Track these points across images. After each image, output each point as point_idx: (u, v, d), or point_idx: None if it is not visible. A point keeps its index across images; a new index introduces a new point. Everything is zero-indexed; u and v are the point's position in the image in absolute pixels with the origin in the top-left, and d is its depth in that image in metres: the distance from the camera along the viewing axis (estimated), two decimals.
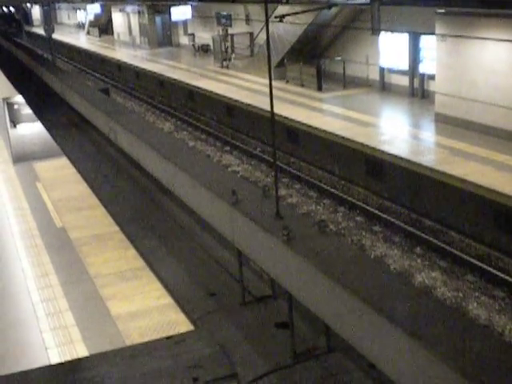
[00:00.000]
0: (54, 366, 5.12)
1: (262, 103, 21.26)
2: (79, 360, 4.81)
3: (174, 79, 29.80)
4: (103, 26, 54.05)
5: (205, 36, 37.42)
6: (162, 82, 31.45)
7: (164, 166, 12.18)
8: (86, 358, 5.24)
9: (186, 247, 11.69)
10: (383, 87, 23.09)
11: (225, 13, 34.48)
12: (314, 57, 25.84)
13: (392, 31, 21.36)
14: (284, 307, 8.41)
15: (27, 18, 76.58)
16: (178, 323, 7.08)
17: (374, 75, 23.49)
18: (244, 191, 9.36)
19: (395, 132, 17.71)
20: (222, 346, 4.52)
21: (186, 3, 36.54)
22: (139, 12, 44.26)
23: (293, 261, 7.30)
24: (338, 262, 6.93)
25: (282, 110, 20.88)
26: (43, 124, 17.74)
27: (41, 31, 38.16)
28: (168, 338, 4.61)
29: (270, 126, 8.73)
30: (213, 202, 9.66)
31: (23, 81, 27.98)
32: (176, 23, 41.72)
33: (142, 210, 13.85)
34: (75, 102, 21.69)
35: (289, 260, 7.40)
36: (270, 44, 26.92)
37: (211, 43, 35.05)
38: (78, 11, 63.32)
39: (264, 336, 8.58)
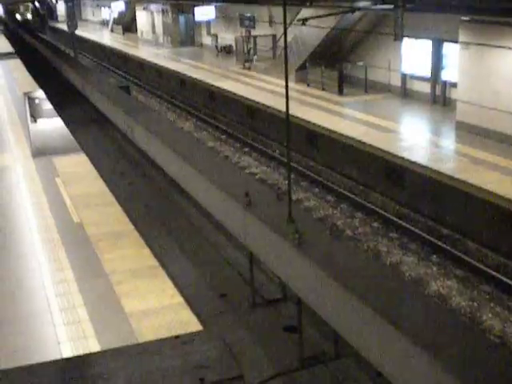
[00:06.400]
0: (62, 360, 5.14)
1: (283, 105, 21.18)
2: (87, 356, 4.83)
3: (196, 79, 29.88)
4: (127, 24, 54.32)
5: (228, 37, 37.50)
6: (183, 81, 31.56)
7: (179, 166, 12.18)
8: (95, 353, 5.25)
9: (199, 247, 11.68)
10: (405, 93, 22.98)
11: (248, 14, 34.50)
12: (336, 61, 25.78)
13: (415, 37, 21.27)
14: (293, 311, 8.37)
15: (52, 13, 77.08)
16: (188, 323, 7.07)
17: (396, 81, 23.38)
18: (257, 193, 9.35)
19: (415, 139, 17.61)
20: (230, 348, 4.52)
21: (209, 4, 36.64)
22: (163, 11, 44.46)
23: (303, 265, 7.24)
24: (349, 267, 6.87)
25: (303, 113, 20.86)
26: (63, 119, 17.83)
27: (65, 27, 38.38)
28: (176, 337, 4.61)
29: (285, 127, 8.73)
30: (226, 203, 9.65)
31: (45, 76, 28.15)
32: (199, 23, 41.84)
33: (157, 209, 13.86)
34: (95, 98, 21.79)
35: (299, 264, 7.35)
36: (292, 47, 26.95)
37: (234, 44, 35.14)
38: (102, 8, 63.75)
39: (272, 339, 8.54)
